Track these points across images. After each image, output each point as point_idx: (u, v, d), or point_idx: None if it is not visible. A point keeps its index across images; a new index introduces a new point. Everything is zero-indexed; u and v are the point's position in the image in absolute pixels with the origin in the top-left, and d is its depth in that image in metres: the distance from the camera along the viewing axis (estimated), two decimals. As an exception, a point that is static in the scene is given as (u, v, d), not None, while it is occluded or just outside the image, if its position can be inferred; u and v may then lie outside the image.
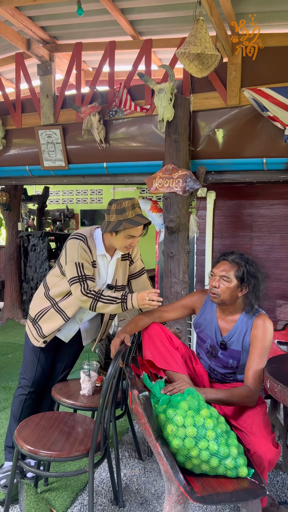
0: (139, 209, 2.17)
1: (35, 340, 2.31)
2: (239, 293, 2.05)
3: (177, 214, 3.62)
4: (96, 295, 2.11)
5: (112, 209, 2.16)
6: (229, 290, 2.02)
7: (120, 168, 4.19)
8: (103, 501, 2.15)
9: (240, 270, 2.03)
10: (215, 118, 3.74)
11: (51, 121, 4.29)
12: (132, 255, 2.42)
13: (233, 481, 1.57)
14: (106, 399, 1.76)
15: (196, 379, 2.15)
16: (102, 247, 2.25)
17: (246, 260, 2.07)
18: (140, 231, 2.18)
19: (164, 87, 3.52)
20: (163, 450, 1.54)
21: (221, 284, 2.03)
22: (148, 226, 2.23)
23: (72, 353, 2.48)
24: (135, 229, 2.14)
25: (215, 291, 2.04)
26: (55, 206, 9.36)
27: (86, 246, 2.19)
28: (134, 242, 2.20)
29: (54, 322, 2.27)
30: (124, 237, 2.16)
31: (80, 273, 2.14)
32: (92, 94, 4.09)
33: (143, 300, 2.08)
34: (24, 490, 2.10)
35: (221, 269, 2.05)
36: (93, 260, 2.22)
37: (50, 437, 1.82)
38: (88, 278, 2.14)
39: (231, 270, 2.04)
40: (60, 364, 2.48)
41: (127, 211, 2.12)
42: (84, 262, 2.16)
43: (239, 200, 4.59)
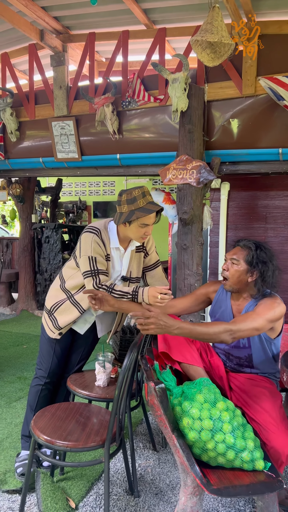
0: (149, 196, 2.17)
1: (51, 331, 2.34)
2: (248, 278, 2.04)
3: (190, 206, 3.59)
4: (108, 289, 2.12)
5: (123, 199, 2.15)
6: (238, 273, 2.03)
7: (133, 160, 4.16)
8: (118, 491, 2.17)
9: (249, 254, 2.03)
10: (230, 108, 3.68)
11: (65, 112, 4.27)
12: (147, 247, 2.41)
13: (249, 474, 1.57)
14: (121, 391, 1.76)
15: (211, 371, 2.14)
16: (116, 240, 2.25)
17: (258, 246, 2.07)
18: (153, 219, 2.17)
19: (178, 76, 3.47)
20: (179, 442, 1.54)
21: (230, 267, 2.05)
22: (160, 213, 2.22)
23: (87, 344, 2.50)
24: (147, 217, 2.13)
25: (225, 274, 2.07)
26: (68, 198, 9.38)
27: (100, 239, 2.20)
28: (148, 230, 2.18)
29: (70, 314, 2.28)
30: (137, 227, 2.15)
31: (92, 267, 2.15)
32: (105, 85, 4.06)
33: (155, 298, 2.09)
34: (41, 479, 2.12)
35: (232, 253, 2.09)
36: (107, 254, 2.22)
37: (66, 427, 1.84)
38: (100, 272, 2.15)
39: (242, 254, 2.06)
40: (76, 355, 2.50)
41: (138, 200, 2.11)
42: (97, 256, 2.17)
43: (254, 191, 4.53)
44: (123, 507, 2.05)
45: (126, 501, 2.09)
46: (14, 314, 6.41)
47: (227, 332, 1.79)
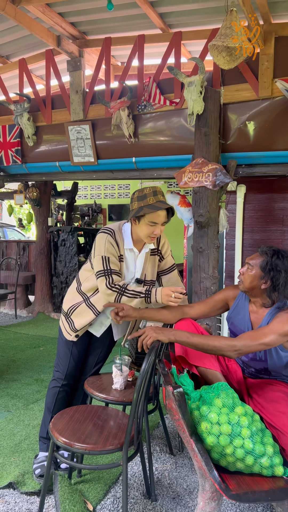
0: (161, 196, 2.17)
1: (68, 334, 2.36)
2: (262, 285, 2.02)
3: (206, 209, 3.59)
4: (121, 289, 2.14)
5: (134, 197, 2.20)
6: (250, 278, 2.04)
7: (149, 163, 4.18)
8: (135, 494, 2.17)
9: (264, 260, 2.01)
10: (246, 111, 3.67)
11: (81, 116, 4.31)
12: (163, 251, 2.41)
13: (269, 479, 1.55)
14: (140, 394, 1.77)
15: (229, 376, 2.13)
16: (130, 241, 2.26)
17: (276, 253, 2.03)
18: (162, 218, 2.16)
19: (194, 80, 3.47)
20: (197, 446, 1.54)
21: (245, 272, 2.07)
22: (171, 213, 2.21)
23: (104, 347, 2.51)
24: (156, 215, 2.13)
25: (240, 277, 2.10)
26: (83, 201, 9.44)
27: (114, 240, 2.22)
28: (157, 230, 2.17)
29: (86, 316, 2.31)
30: (146, 225, 2.16)
31: (106, 267, 2.17)
32: (121, 89, 4.09)
33: (168, 296, 2.10)
34: (59, 482, 2.14)
35: (250, 258, 2.10)
36: (120, 254, 2.24)
37: (84, 430, 1.85)
38: (113, 272, 2.17)
39: (258, 259, 2.06)
40: (92, 358, 2.51)
41: (148, 197, 2.13)
42: (111, 256, 2.19)
43: (271, 193, 4.49)
44: (140, 510, 2.05)
45: (144, 504, 2.09)
46: (31, 316, 6.48)
47: (231, 349, 1.82)
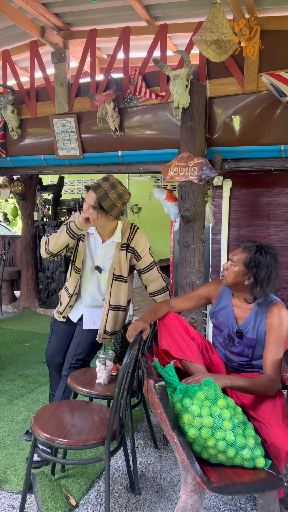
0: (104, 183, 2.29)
1: (57, 314, 2.60)
2: (245, 281, 2.02)
3: (192, 203, 3.58)
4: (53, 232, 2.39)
5: None
6: (234, 274, 2.04)
7: (135, 157, 4.15)
8: (119, 488, 2.17)
9: (247, 257, 2.01)
10: (232, 105, 3.66)
11: (66, 109, 4.26)
12: (138, 250, 2.47)
13: (250, 471, 1.56)
14: (121, 388, 1.76)
15: (212, 369, 2.14)
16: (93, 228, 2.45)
17: (259, 249, 2.02)
18: (90, 198, 2.28)
19: (179, 73, 3.45)
20: (179, 440, 1.53)
21: (229, 268, 2.07)
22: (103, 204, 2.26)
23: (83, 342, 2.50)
24: (88, 192, 2.32)
25: (223, 273, 2.10)
26: (70, 196, 9.37)
27: None
28: (85, 207, 2.31)
29: (64, 299, 2.55)
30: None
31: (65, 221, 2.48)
32: (106, 82, 4.05)
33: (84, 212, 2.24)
34: (38, 481, 2.12)
35: (233, 254, 2.09)
36: (82, 234, 2.43)
37: (66, 425, 1.84)
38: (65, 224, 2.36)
39: (241, 255, 2.04)
40: (72, 347, 2.53)
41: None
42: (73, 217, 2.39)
43: (256, 188, 4.50)
44: (124, 504, 2.05)
45: (127, 498, 2.09)
46: (16, 312, 6.42)
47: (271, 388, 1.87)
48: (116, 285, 2.46)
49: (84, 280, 2.51)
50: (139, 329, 1.96)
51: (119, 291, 2.47)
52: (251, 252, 2.01)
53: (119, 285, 2.47)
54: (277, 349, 1.92)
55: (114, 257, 2.43)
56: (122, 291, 2.48)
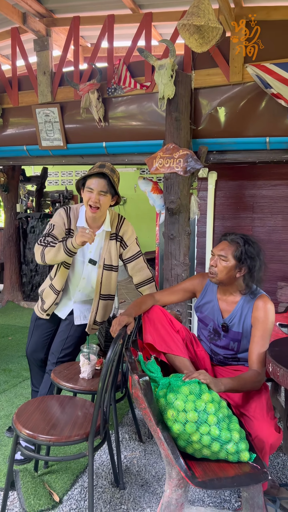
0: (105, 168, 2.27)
1: (39, 312, 2.53)
2: (237, 274, 2.00)
3: (178, 195, 3.55)
4: (46, 243, 2.25)
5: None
6: (226, 270, 1.99)
7: (119, 148, 4.09)
8: (103, 483, 2.15)
9: (238, 250, 1.99)
10: (217, 96, 3.63)
11: (49, 99, 4.17)
12: (125, 238, 2.46)
13: (234, 465, 1.55)
14: (105, 383, 1.73)
15: (197, 362, 2.12)
16: (83, 220, 2.39)
17: (246, 241, 2.03)
18: (96, 185, 2.25)
19: (164, 63, 3.40)
20: (163, 435, 1.51)
21: (218, 264, 2.00)
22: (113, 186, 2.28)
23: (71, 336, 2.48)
24: (91, 181, 2.25)
25: (213, 270, 2.02)
26: (54, 188, 9.26)
27: (66, 214, 2.39)
28: (93, 197, 2.25)
29: (50, 297, 2.45)
30: (85, 191, 2.29)
31: (47, 231, 2.34)
32: (90, 71, 3.97)
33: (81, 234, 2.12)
34: (20, 479, 2.09)
35: (220, 248, 2.03)
36: (70, 228, 2.37)
37: (49, 421, 1.80)
38: (51, 235, 2.31)
39: (230, 249, 2.00)
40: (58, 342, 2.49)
41: (92, 169, 2.28)
42: (56, 225, 2.35)
43: (241, 180, 4.50)
44: (108, 499, 2.03)
45: (111, 493, 2.07)
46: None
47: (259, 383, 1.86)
48: (107, 275, 2.44)
49: (74, 275, 2.45)
50: (123, 324, 1.93)
51: (109, 280, 2.46)
52: (240, 244, 1.99)
53: (109, 275, 2.45)
54: (263, 342, 1.91)
55: (104, 246, 2.41)
56: (112, 280, 2.48)
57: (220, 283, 2.03)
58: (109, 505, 1.99)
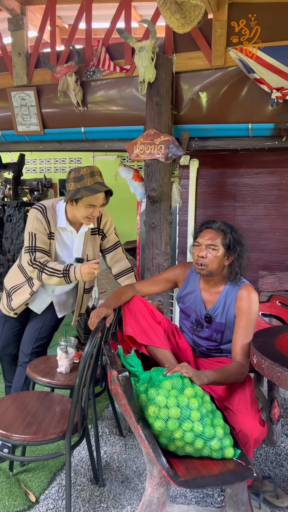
0: (99, 177, 2.09)
1: (6, 310, 2.34)
2: (225, 262, 1.94)
3: (159, 183, 3.46)
4: (41, 266, 2.09)
5: (70, 177, 2.09)
6: (217, 259, 1.91)
7: (99, 133, 3.96)
8: (82, 480, 2.07)
9: (226, 237, 1.92)
10: (199, 80, 3.53)
11: (25, 81, 4.00)
12: (104, 230, 2.36)
13: (218, 462, 1.49)
14: (83, 379, 1.64)
15: (179, 354, 2.05)
16: (63, 220, 2.18)
17: (231, 227, 1.97)
18: (100, 200, 2.10)
19: (145, 45, 3.28)
20: (144, 432, 1.44)
21: (208, 254, 1.92)
22: (110, 195, 2.15)
23: (46, 324, 2.38)
24: (94, 198, 2.06)
25: (202, 261, 1.92)
26: (32, 176, 9.03)
27: (43, 217, 2.15)
28: (95, 212, 2.11)
29: (22, 295, 2.28)
30: (84, 207, 2.09)
31: (31, 243, 2.12)
32: (68, 53, 3.82)
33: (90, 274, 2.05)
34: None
35: (207, 238, 1.93)
36: (51, 232, 2.17)
37: (24, 419, 1.71)
38: (38, 249, 2.12)
39: (218, 238, 1.92)
40: (30, 334, 2.38)
41: (85, 179, 2.04)
42: (38, 233, 2.13)
43: (223, 168, 4.44)
44: (87, 497, 1.95)
45: (91, 491, 1.99)
46: (-24, 296, 6.16)
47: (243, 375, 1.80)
48: None
49: None
50: (102, 316, 1.83)
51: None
52: (227, 233, 1.93)
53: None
54: (247, 333, 1.85)
55: (86, 242, 2.30)
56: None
57: (211, 274, 1.95)
58: (88, 504, 1.91)
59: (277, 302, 2.74)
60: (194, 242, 1.99)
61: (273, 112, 3.37)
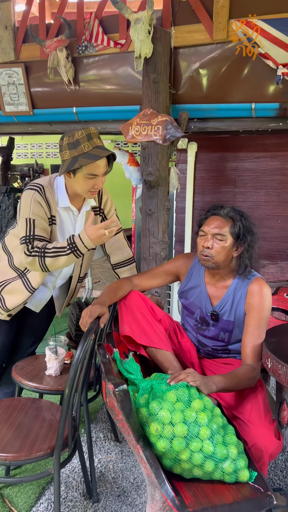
0: (98, 139, 1.76)
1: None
2: (234, 253, 1.72)
3: (156, 166, 3.23)
4: (40, 251, 1.74)
5: (64, 144, 1.75)
6: (225, 250, 1.69)
7: (92, 114, 3.71)
8: (74, 495, 1.87)
9: (236, 225, 1.70)
10: (199, 56, 3.28)
11: (12, 57, 3.73)
12: (105, 211, 2.05)
13: (231, 487, 1.29)
14: (72, 388, 1.43)
15: (182, 355, 1.85)
16: (65, 198, 1.86)
17: (241, 214, 1.75)
18: (102, 168, 1.77)
19: (141, 16, 3.02)
20: (145, 454, 1.23)
21: (214, 244, 1.69)
22: (112, 160, 1.82)
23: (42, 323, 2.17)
24: (95, 166, 1.74)
25: (207, 252, 1.70)
26: (23, 161, 8.73)
27: (42, 198, 1.81)
28: (98, 182, 1.79)
29: (19, 294, 1.93)
30: (84, 178, 1.76)
31: (29, 232, 1.76)
32: (58, 26, 3.54)
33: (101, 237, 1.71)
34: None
35: (214, 226, 1.71)
36: (52, 216, 1.84)
37: (6, 432, 1.50)
38: (37, 238, 1.77)
39: (225, 226, 1.70)
40: (28, 337, 2.16)
41: (81, 144, 1.71)
42: (37, 219, 1.78)
43: (223, 152, 4.21)
44: (79, 514, 1.76)
45: (83, 507, 1.80)
46: None
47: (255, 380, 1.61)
48: (88, 256, 2.08)
49: None
50: (95, 315, 1.62)
51: (89, 261, 2.12)
52: (237, 219, 1.70)
53: (90, 255, 2.10)
54: (258, 332, 1.64)
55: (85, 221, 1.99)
56: (90, 260, 2.14)
57: (217, 266, 1.73)
58: (81, 522, 1.72)
59: (284, 295, 2.54)
60: (199, 231, 1.76)
61: (278, 91, 3.14)
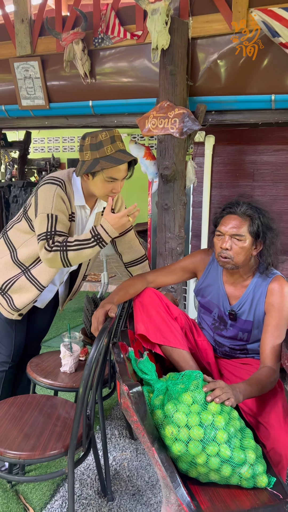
0: (120, 143, 1.70)
1: (8, 312, 1.91)
2: (253, 252, 1.67)
3: (172, 160, 3.18)
4: (62, 245, 1.65)
5: (85, 144, 1.69)
6: (244, 251, 1.63)
7: (108, 107, 3.67)
8: (88, 493, 1.86)
9: (254, 223, 1.64)
10: (218, 47, 3.20)
11: (28, 51, 3.70)
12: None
13: (249, 493, 1.25)
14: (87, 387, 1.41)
15: (198, 354, 1.81)
16: (81, 196, 1.80)
17: (259, 210, 1.68)
18: (123, 173, 1.71)
19: (158, 6, 2.96)
20: (160, 457, 1.20)
21: (233, 245, 1.63)
22: (133, 165, 1.76)
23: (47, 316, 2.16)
24: (116, 169, 1.67)
25: (226, 254, 1.64)
26: (40, 155, 8.76)
27: (65, 193, 1.73)
28: (117, 187, 1.73)
29: (27, 292, 1.86)
30: (103, 181, 1.69)
31: (50, 228, 1.67)
32: (74, 18, 3.50)
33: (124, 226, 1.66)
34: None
35: (231, 226, 1.64)
36: (72, 212, 1.78)
37: (20, 430, 1.49)
38: (58, 234, 1.69)
39: (243, 225, 1.64)
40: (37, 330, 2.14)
41: (104, 146, 1.65)
42: (59, 215, 1.70)
43: (241, 145, 4.14)
44: (94, 513, 1.75)
45: (98, 506, 1.79)
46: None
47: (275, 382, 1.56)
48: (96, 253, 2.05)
49: None
50: (103, 318, 1.58)
51: (94, 259, 2.09)
52: (255, 217, 1.64)
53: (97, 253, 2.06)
54: (279, 333, 1.59)
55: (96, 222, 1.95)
56: (95, 258, 2.11)
57: (237, 267, 1.68)
58: (95, 520, 1.71)
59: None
60: (216, 231, 1.70)
61: (300, 82, 3.05)
